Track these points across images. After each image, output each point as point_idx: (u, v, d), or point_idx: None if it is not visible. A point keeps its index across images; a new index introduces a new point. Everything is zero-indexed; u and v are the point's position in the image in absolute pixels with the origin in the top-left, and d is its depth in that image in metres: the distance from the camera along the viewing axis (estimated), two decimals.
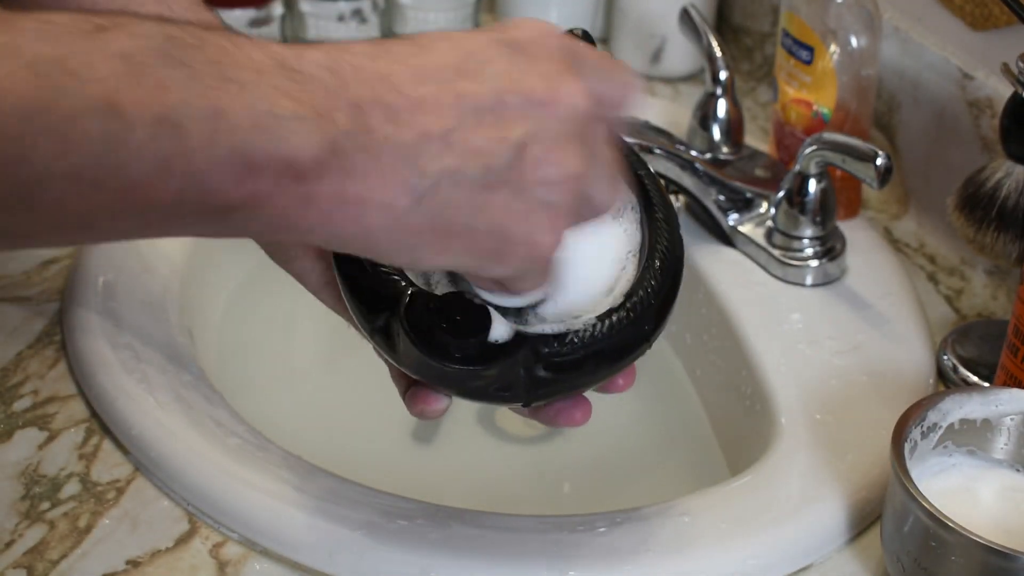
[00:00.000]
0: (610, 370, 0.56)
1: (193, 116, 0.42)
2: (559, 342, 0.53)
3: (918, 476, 0.61)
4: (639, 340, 0.56)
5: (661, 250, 0.56)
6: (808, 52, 0.86)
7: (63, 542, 0.64)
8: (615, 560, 0.63)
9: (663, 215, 0.58)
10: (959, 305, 0.85)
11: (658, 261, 0.56)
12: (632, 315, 0.54)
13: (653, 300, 0.55)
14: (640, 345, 0.56)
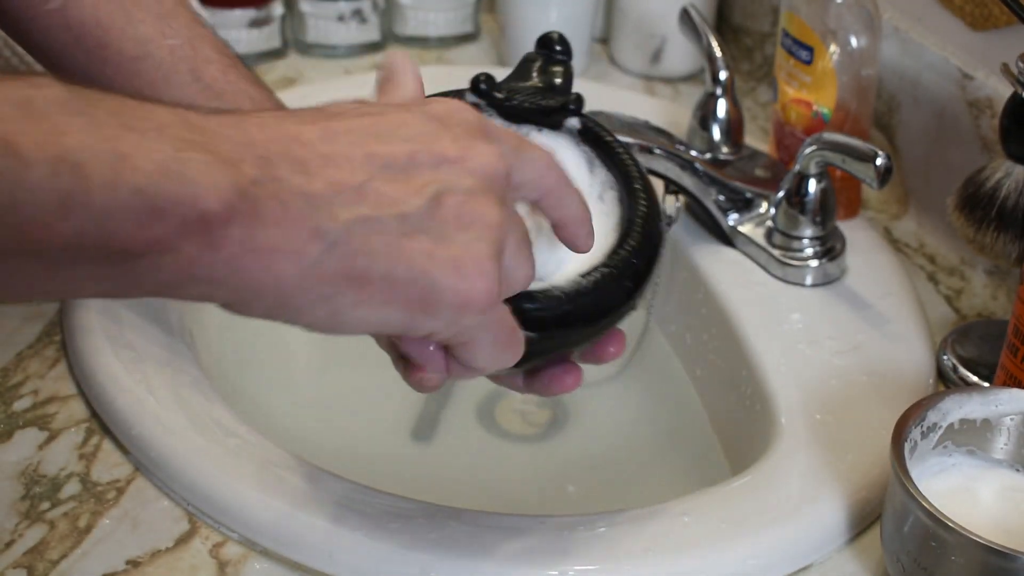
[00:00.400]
0: (595, 328, 0.57)
1: (94, 157, 0.41)
2: (543, 296, 0.55)
3: (918, 476, 0.61)
4: (621, 297, 0.57)
5: (641, 217, 0.59)
6: (808, 52, 0.86)
7: (63, 542, 0.64)
8: (615, 560, 0.63)
9: (641, 186, 0.60)
10: (959, 305, 0.85)
11: (639, 226, 0.58)
12: (614, 272, 0.57)
13: (635, 259, 0.58)
14: (623, 303, 0.58)
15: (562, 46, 0.63)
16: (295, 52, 1.16)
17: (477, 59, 1.18)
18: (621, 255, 0.57)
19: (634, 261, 0.58)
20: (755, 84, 1.10)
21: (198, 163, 0.43)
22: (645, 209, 0.59)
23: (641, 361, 0.92)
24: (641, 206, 0.59)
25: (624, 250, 0.58)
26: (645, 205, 0.59)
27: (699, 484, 0.71)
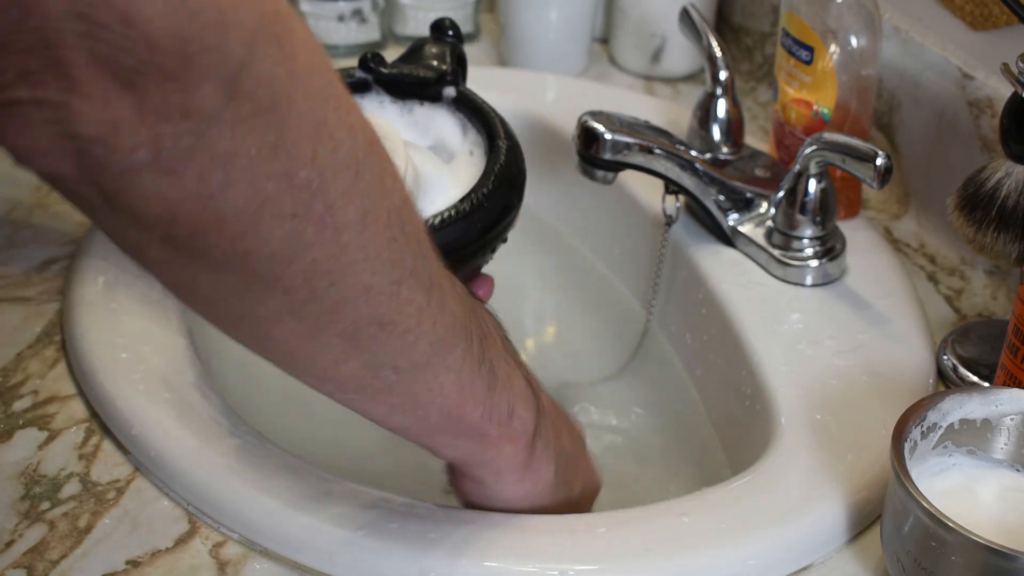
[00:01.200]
0: (448, 261, 0.61)
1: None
2: None
3: (918, 476, 0.61)
4: (470, 235, 0.64)
5: (499, 167, 0.65)
6: (808, 52, 0.86)
7: (63, 542, 0.64)
8: (615, 560, 0.63)
9: (503, 142, 0.67)
10: (959, 305, 0.85)
11: (493, 175, 0.65)
12: (462, 212, 0.63)
13: (485, 203, 0.64)
14: (471, 241, 0.64)
15: (453, 31, 0.72)
16: None
17: (477, 59, 1.18)
18: (471, 199, 0.63)
19: (484, 205, 0.64)
20: (755, 84, 1.10)
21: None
22: (503, 161, 0.65)
23: (641, 361, 0.92)
24: (500, 159, 0.66)
25: (475, 195, 0.64)
26: (504, 158, 0.66)
27: (699, 484, 0.71)
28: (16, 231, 0.87)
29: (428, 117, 0.69)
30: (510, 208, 0.66)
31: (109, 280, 0.79)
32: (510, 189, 0.66)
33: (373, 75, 0.69)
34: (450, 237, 0.62)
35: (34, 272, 0.83)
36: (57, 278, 0.82)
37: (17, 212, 0.88)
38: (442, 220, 0.62)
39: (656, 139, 0.84)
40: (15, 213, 0.88)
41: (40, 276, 0.82)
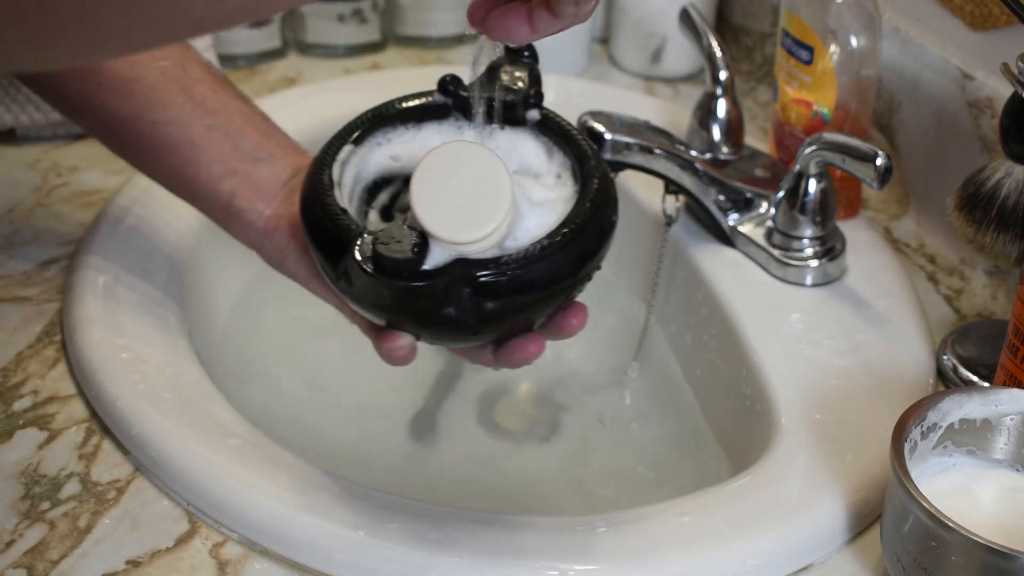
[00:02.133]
0: (547, 294, 0.60)
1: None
2: (494, 264, 0.58)
3: (918, 476, 0.61)
4: (570, 265, 0.60)
5: (593, 192, 0.62)
6: (808, 52, 0.86)
7: (63, 542, 0.64)
8: (615, 560, 0.63)
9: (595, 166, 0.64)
10: (959, 305, 0.85)
11: (589, 201, 0.61)
12: (563, 240, 0.59)
13: (583, 231, 0.60)
14: (572, 271, 0.60)
15: (529, 51, 0.67)
16: (295, 52, 1.16)
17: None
18: (571, 227, 0.60)
19: (582, 233, 0.60)
20: (755, 84, 1.10)
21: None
22: (597, 185, 0.62)
23: (641, 361, 0.92)
24: (594, 183, 0.62)
25: (574, 223, 0.60)
26: (597, 182, 0.62)
27: (699, 484, 0.71)
28: (16, 231, 0.87)
29: (511, 142, 0.65)
30: (608, 232, 0.62)
31: (109, 280, 0.79)
32: (607, 212, 0.62)
33: (453, 99, 0.65)
34: (550, 267, 0.59)
35: (34, 272, 0.83)
36: (57, 278, 0.82)
37: (17, 212, 0.88)
38: (541, 249, 0.59)
39: (656, 139, 0.84)
40: (15, 213, 0.88)
41: (40, 276, 0.82)
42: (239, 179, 0.70)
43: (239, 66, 1.13)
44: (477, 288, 0.58)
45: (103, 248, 0.81)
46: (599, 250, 0.62)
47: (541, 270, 0.59)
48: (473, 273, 0.58)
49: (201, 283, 0.86)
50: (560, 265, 0.60)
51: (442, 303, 0.58)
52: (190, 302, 0.82)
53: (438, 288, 0.58)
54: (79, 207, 0.89)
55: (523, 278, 0.58)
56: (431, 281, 0.57)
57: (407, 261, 0.57)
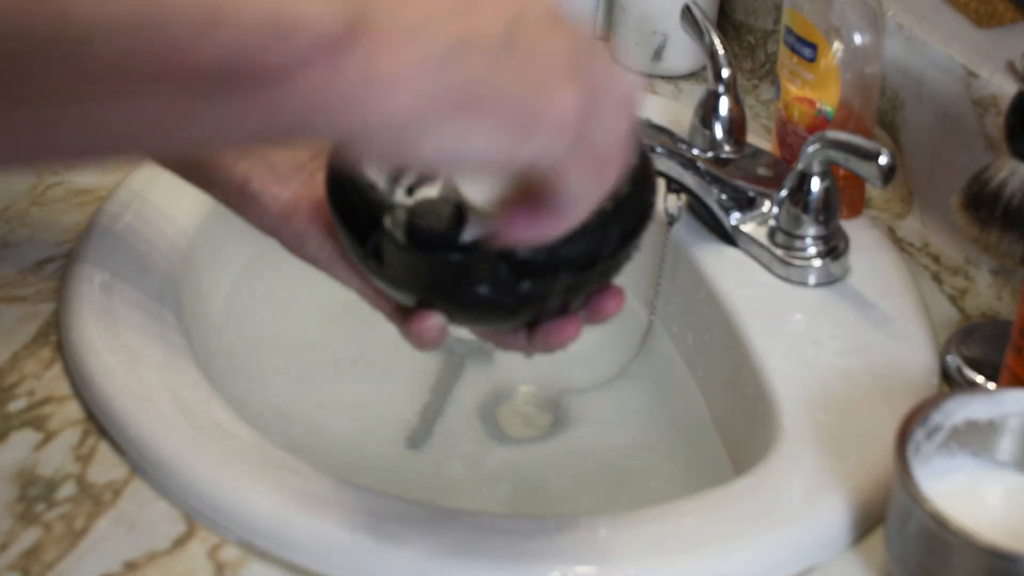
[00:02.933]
0: (586, 274, 0.58)
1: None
2: None
3: (922, 478, 0.61)
4: (610, 243, 0.58)
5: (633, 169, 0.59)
6: (811, 49, 0.86)
7: (59, 544, 0.64)
8: (616, 562, 0.63)
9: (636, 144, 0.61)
10: (963, 305, 0.85)
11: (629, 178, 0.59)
12: (602, 218, 0.57)
13: (623, 208, 0.58)
14: (612, 249, 0.58)
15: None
16: None
17: None
18: (612, 203, 0.58)
19: (623, 209, 0.58)
20: (758, 82, 1.10)
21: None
22: (638, 163, 0.60)
23: (643, 361, 0.92)
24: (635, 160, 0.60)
25: (616, 199, 0.58)
26: (638, 160, 0.60)
27: (701, 485, 0.71)
28: (11, 230, 0.86)
29: None
30: (648, 211, 0.60)
31: (105, 280, 0.78)
32: (647, 191, 0.60)
33: None
34: (590, 244, 0.57)
35: (29, 272, 0.82)
36: (53, 278, 0.82)
37: (12, 211, 0.88)
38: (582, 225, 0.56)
39: (657, 137, 0.83)
40: (10, 212, 0.88)
41: (36, 276, 0.82)
42: (253, 161, 0.67)
43: None
44: (515, 265, 0.56)
45: (99, 248, 0.81)
46: (640, 229, 0.60)
47: (581, 248, 0.57)
48: (511, 249, 0.56)
49: (198, 283, 0.86)
50: (600, 243, 0.58)
51: (479, 279, 0.57)
52: (187, 302, 0.82)
53: (475, 262, 0.56)
54: (75, 206, 0.89)
55: (563, 255, 0.57)
56: (469, 254, 0.56)
57: (444, 233, 0.56)
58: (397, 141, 0.47)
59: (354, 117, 0.46)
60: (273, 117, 0.45)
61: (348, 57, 0.44)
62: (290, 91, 0.44)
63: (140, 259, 0.81)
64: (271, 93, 0.44)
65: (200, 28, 0.42)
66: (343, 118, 0.46)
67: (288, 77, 0.44)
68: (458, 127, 0.47)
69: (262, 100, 0.44)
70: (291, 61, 0.44)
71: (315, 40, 0.44)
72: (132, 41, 0.42)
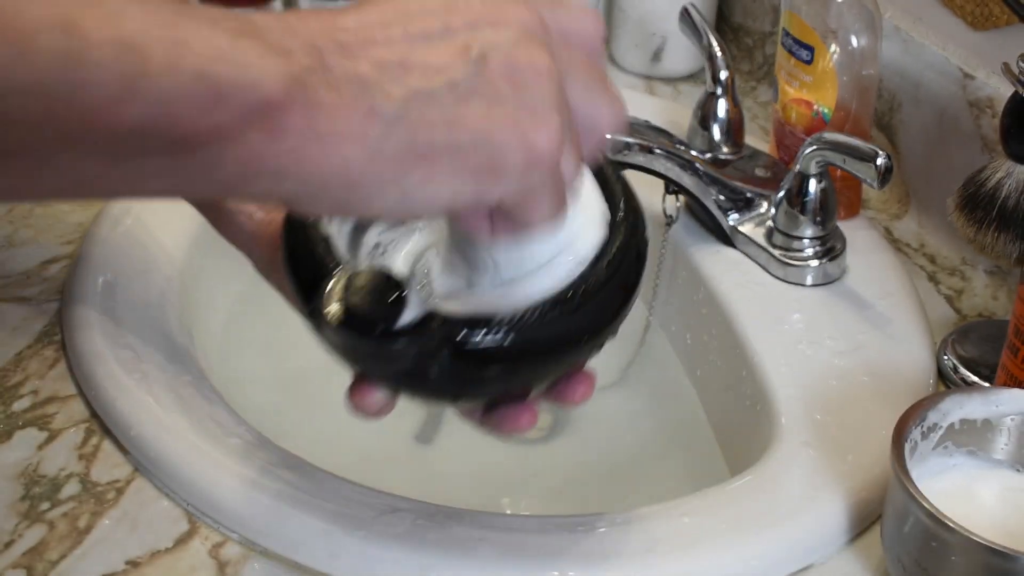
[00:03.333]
0: (545, 365, 0.53)
1: (154, 41, 0.40)
2: (483, 326, 0.50)
3: (918, 476, 0.61)
4: (576, 335, 0.52)
5: (617, 250, 0.54)
6: (809, 52, 0.86)
7: (63, 542, 0.64)
8: (615, 561, 0.63)
9: (624, 215, 0.55)
10: (960, 305, 0.85)
11: (609, 260, 0.53)
12: (568, 307, 0.51)
13: (598, 294, 0.52)
14: (577, 342, 0.52)
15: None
16: None
17: None
18: (581, 289, 0.52)
19: (595, 297, 0.52)
20: (756, 84, 1.10)
21: (255, 51, 0.42)
22: (621, 242, 0.54)
23: (642, 361, 0.92)
24: (619, 239, 0.54)
25: (585, 285, 0.52)
26: (623, 238, 0.54)
27: (699, 484, 0.71)
28: (16, 231, 0.87)
29: None
30: (629, 296, 0.54)
31: (109, 280, 0.79)
32: (629, 274, 0.54)
33: None
34: (550, 336, 0.51)
35: (34, 272, 0.83)
36: (57, 278, 0.82)
37: (17, 212, 0.88)
38: (540, 314, 0.50)
39: (656, 139, 0.84)
40: (15, 213, 0.88)
41: (40, 276, 0.82)
42: None
43: None
44: (459, 354, 0.50)
45: (103, 248, 0.81)
46: (614, 318, 0.53)
47: (538, 339, 0.51)
48: (455, 336, 0.50)
49: (201, 282, 0.86)
50: (563, 334, 0.51)
51: (417, 366, 0.51)
52: (190, 301, 0.82)
53: (412, 350, 0.50)
54: (79, 206, 0.89)
55: (515, 348, 0.51)
56: (404, 341, 0.50)
57: (378, 315, 0.50)
58: (345, 199, 0.45)
59: (298, 176, 0.44)
60: (207, 177, 0.43)
61: (288, 116, 0.42)
62: (224, 152, 0.42)
63: (144, 259, 0.81)
64: (203, 154, 0.42)
65: (121, 90, 0.40)
66: (286, 177, 0.43)
67: (221, 139, 0.42)
68: (415, 179, 0.45)
69: (192, 161, 0.42)
70: (224, 123, 0.41)
71: (250, 102, 0.41)
72: (46, 103, 0.39)
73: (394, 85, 0.44)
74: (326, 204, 0.46)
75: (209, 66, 0.41)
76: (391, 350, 0.50)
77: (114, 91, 0.40)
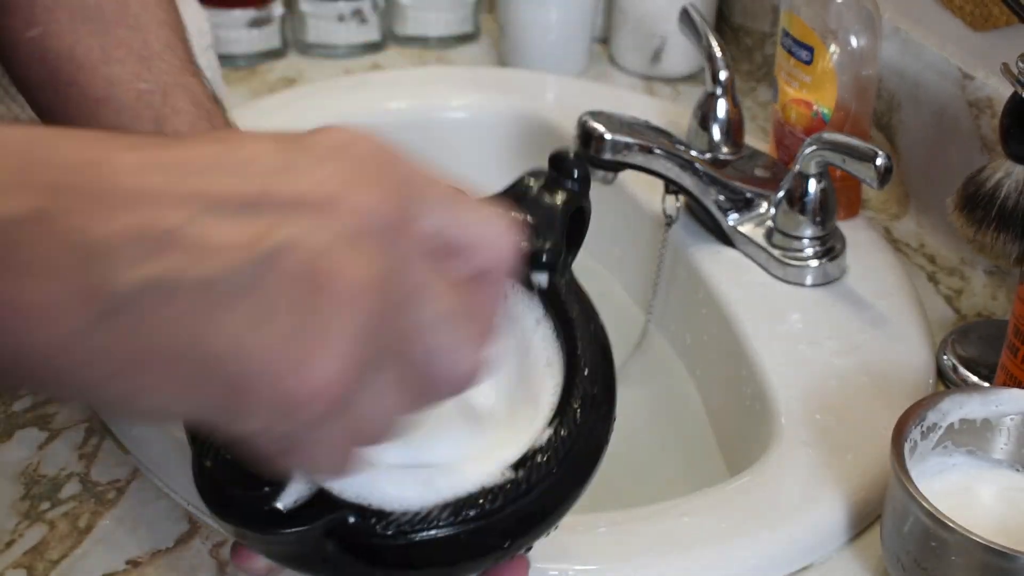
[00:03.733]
0: (448, 573, 0.44)
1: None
2: (379, 521, 0.43)
3: (918, 476, 0.61)
4: (495, 544, 0.43)
5: (568, 431, 0.45)
6: (808, 52, 0.86)
7: (63, 542, 0.64)
8: (615, 560, 0.63)
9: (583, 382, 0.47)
10: (959, 305, 0.85)
11: (567, 436, 0.44)
12: (484, 513, 0.43)
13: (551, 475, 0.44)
14: (490, 554, 0.43)
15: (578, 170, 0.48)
16: (295, 52, 1.16)
17: (477, 59, 1.18)
18: (529, 471, 0.44)
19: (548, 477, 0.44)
20: (755, 84, 1.10)
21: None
22: (577, 417, 0.46)
23: (641, 361, 0.92)
24: (575, 408, 0.47)
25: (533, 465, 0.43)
26: (579, 412, 0.47)
27: (699, 484, 0.71)
28: None
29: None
30: (584, 478, 0.46)
31: None
32: (588, 451, 0.46)
33: None
34: (457, 541, 0.43)
35: None
36: None
37: None
38: (448, 516, 0.42)
39: (656, 139, 0.84)
40: None
41: None
42: None
43: (239, 66, 1.13)
44: (345, 546, 0.43)
45: None
46: (540, 525, 0.44)
47: (440, 545, 0.42)
48: (342, 527, 0.43)
49: None
50: (473, 542, 0.43)
51: (297, 552, 0.44)
52: None
53: (291, 538, 0.43)
54: None
55: (408, 552, 0.43)
56: (279, 530, 0.42)
57: (252, 499, 0.42)
58: (49, 380, 0.37)
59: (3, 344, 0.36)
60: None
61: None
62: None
63: None
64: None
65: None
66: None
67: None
68: (135, 382, 0.36)
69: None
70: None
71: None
72: None
73: (132, 264, 0.35)
74: (20, 380, 0.40)
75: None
76: (262, 536, 0.44)
77: None
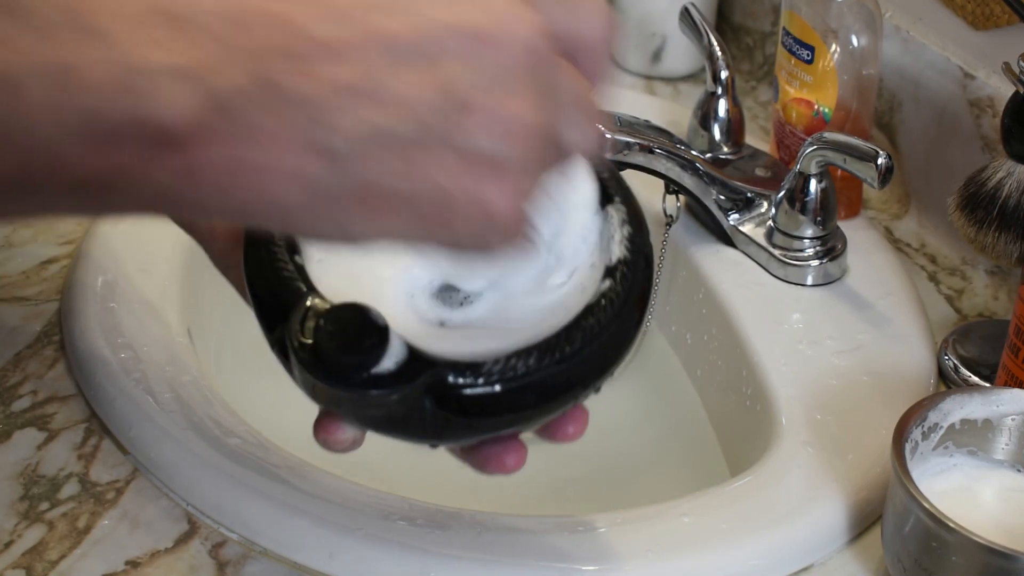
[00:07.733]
0: (534, 417, 0.49)
1: (34, 73, 0.35)
2: (472, 374, 0.46)
3: (919, 476, 0.61)
4: (570, 384, 0.48)
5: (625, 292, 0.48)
6: (809, 51, 0.86)
7: (62, 542, 0.64)
8: (615, 560, 0.63)
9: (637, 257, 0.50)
10: (960, 305, 0.85)
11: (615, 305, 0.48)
12: (563, 355, 0.47)
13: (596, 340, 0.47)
14: (573, 393, 0.48)
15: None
16: None
17: None
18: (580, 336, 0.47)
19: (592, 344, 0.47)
20: (756, 83, 1.10)
21: (163, 75, 0.36)
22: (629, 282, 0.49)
23: (641, 361, 0.92)
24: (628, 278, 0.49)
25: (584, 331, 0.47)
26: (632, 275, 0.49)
27: (699, 484, 0.71)
28: (15, 230, 0.86)
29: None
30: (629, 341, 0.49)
31: (108, 280, 0.78)
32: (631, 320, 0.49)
33: None
34: (541, 384, 0.46)
35: (33, 272, 0.83)
36: (56, 278, 0.82)
37: None
38: (534, 362, 0.45)
39: (656, 138, 0.84)
40: None
41: (39, 276, 0.82)
42: None
43: None
44: (442, 402, 0.46)
45: (102, 248, 0.81)
46: (612, 364, 0.49)
47: (530, 387, 0.46)
48: (439, 384, 0.46)
49: (200, 282, 0.86)
50: (556, 382, 0.47)
51: (395, 413, 0.47)
52: (189, 301, 0.82)
53: (390, 398, 0.45)
54: None
55: (504, 397, 0.46)
56: (382, 391, 0.45)
57: (353, 362, 0.45)
58: (286, 226, 0.42)
59: (224, 209, 0.40)
60: (120, 206, 0.39)
61: (202, 151, 0.37)
62: (131, 190, 0.38)
63: (143, 259, 0.81)
64: (106, 191, 0.38)
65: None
66: (211, 210, 0.40)
67: (124, 179, 0.37)
68: (357, 218, 0.40)
69: (98, 196, 0.38)
70: (122, 164, 0.37)
71: (146, 139, 0.36)
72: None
73: (347, 117, 0.38)
74: (265, 226, 0.43)
75: (99, 100, 0.36)
76: (366, 398, 0.46)
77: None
